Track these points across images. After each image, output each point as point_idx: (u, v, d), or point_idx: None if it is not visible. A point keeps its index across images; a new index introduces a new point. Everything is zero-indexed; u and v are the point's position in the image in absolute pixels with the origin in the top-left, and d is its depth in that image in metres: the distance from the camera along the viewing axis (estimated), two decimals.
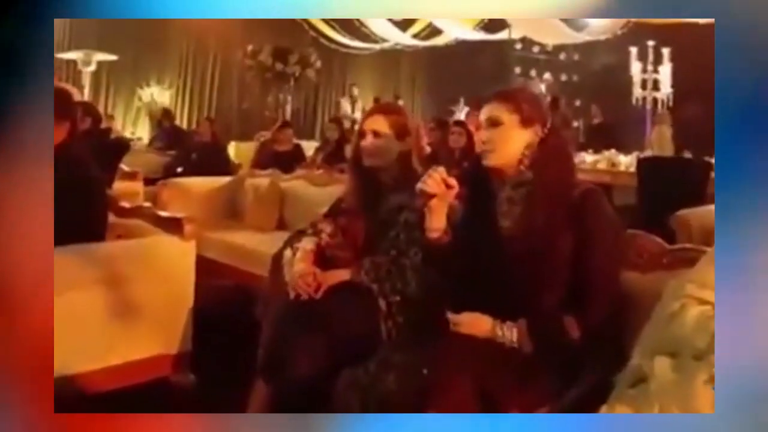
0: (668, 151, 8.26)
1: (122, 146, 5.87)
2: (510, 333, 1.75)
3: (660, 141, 8.61)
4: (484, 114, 1.88)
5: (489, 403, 1.62)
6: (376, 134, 2.32)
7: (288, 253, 2.39)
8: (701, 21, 7.18)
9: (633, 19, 8.09)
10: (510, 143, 1.83)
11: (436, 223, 1.86)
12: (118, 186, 4.82)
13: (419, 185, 1.81)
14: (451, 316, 1.81)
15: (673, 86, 8.13)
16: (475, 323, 1.79)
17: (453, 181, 1.81)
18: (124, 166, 5.32)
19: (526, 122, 1.83)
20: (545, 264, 1.77)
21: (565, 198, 1.79)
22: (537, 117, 1.85)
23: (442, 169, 1.82)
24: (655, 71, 8.20)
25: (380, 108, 2.58)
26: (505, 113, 1.84)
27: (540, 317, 1.76)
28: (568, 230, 1.76)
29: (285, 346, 2.04)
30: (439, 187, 1.80)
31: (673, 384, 1.49)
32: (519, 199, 1.84)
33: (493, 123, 1.85)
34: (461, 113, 10.97)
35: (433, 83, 14.71)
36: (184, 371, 2.78)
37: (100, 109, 10.23)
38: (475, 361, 1.68)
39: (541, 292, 1.77)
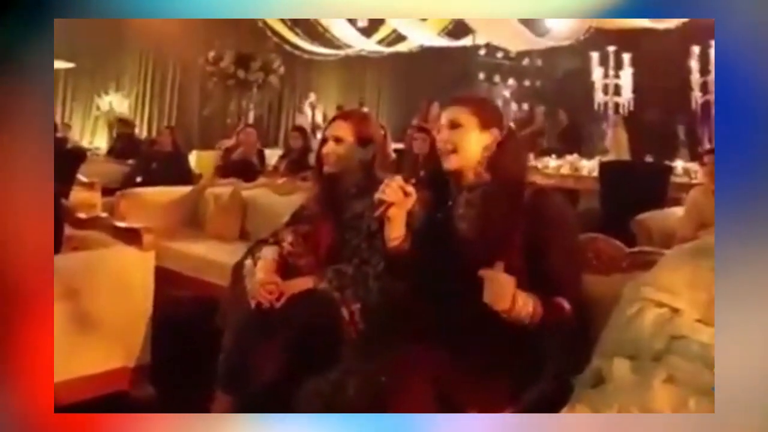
0: (625, 154, 8.39)
1: (79, 156, 5.79)
2: (527, 304, 1.70)
3: (617, 145, 8.75)
4: (444, 117, 1.91)
5: (449, 407, 1.61)
6: (337, 141, 2.32)
7: (249, 262, 2.37)
8: (661, 26, 7.30)
9: (594, 25, 8.18)
10: (470, 144, 1.86)
11: (395, 231, 1.87)
12: (75, 197, 4.73)
13: (377, 194, 1.83)
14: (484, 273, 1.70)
15: (634, 91, 8.25)
16: (501, 288, 1.69)
17: (411, 189, 1.83)
18: (81, 177, 5.23)
19: (484, 124, 1.87)
20: (502, 263, 1.75)
21: (517, 198, 1.81)
22: (495, 121, 1.89)
23: (399, 178, 1.84)
24: (617, 76, 8.31)
25: (342, 115, 2.57)
26: (465, 116, 1.88)
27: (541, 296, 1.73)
28: (522, 229, 1.78)
29: (246, 355, 2.04)
30: (396, 195, 1.81)
31: (632, 385, 1.51)
32: (475, 202, 1.86)
33: (454, 125, 1.88)
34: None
35: (397, 89, 14.75)
36: (144, 384, 2.74)
37: (57, 118, 10.07)
38: (435, 366, 1.67)
39: None
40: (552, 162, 7.64)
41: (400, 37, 10.91)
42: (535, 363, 1.73)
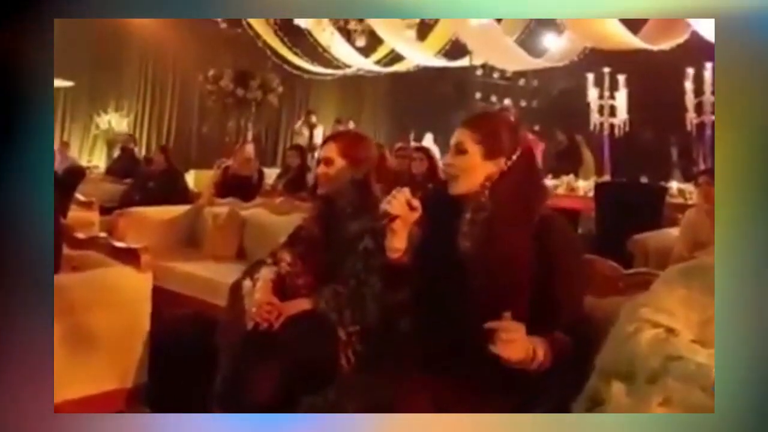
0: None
1: (77, 175, 5.77)
2: (540, 351, 1.68)
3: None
4: (453, 139, 1.88)
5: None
6: (327, 162, 2.34)
7: (248, 283, 2.37)
8: (656, 47, 7.35)
9: (590, 46, 8.24)
10: (472, 173, 1.83)
11: (397, 243, 1.83)
12: (73, 216, 4.72)
13: (383, 206, 1.80)
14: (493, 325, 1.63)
15: (629, 112, 8.27)
16: (516, 339, 1.64)
17: (417, 203, 1.79)
18: (79, 196, 5.22)
19: (489, 154, 1.83)
20: (504, 287, 1.75)
21: (525, 224, 1.79)
22: (502, 149, 1.83)
23: (406, 191, 1.80)
24: (612, 97, 8.34)
25: (333, 136, 2.60)
26: (470, 142, 1.84)
27: (555, 336, 1.73)
28: (528, 255, 1.76)
29: (244, 376, 2.03)
30: (402, 208, 1.78)
31: (628, 407, 1.51)
32: (480, 222, 1.83)
33: (459, 150, 1.85)
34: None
35: (395, 109, 14.79)
36: (140, 406, 2.72)
37: (56, 136, 10.07)
38: (433, 391, 1.67)
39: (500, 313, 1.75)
40: (548, 182, 7.66)
41: (397, 57, 10.97)
42: (536, 387, 1.72)
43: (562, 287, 1.77)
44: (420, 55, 10.61)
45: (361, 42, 10.85)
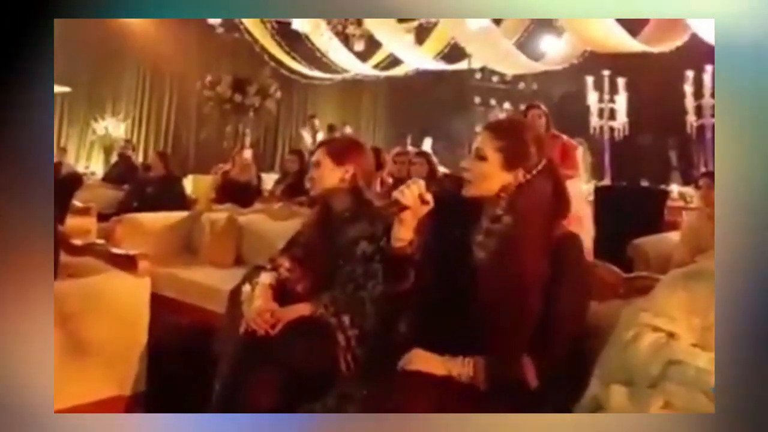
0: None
1: (74, 181, 5.75)
2: (467, 368, 1.72)
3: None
4: (475, 143, 1.83)
5: None
6: (316, 165, 2.39)
7: (247, 288, 2.36)
8: (655, 50, 7.35)
9: (589, 49, 8.24)
10: (488, 181, 1.78)
11: (404, 233, 1.78)
12: (70, 222, 4.71)
13: (395, 194, 1.76)
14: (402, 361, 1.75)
15: (629, 115, 8.27)
16: (428, 365, 1.74)
17: (429, 198, 1.75)
18: (76, 202, 5.20)
19: (509, 164, 1.77)
20: (514, 303, 1.73)
21: (543, 242, 1.76)
22: (524, 160, 1.78)
23: (421, 183, 1.77)
24: (611, 100, 8.34)
25: (326, 141, 2.64)
26: (491, 149, 1.78)
27: (498, 357, 1.72)
28: (541, 275, 1.73)
29: (242, 383, 2.02)
30: (414, 201, 1.74)
31: (628, 412, 1.50)
32: (497, 234, 1.79)
33: (478, 156, 1.80)
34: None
35: (394, 113, 14.79)
36: (139, 413, 2.69)
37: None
38: (432, 395, 1.66)
39: (503, 328, 1.74)
40: None
41: (396, 61, 10.97)
42: (535, 394, 1.70)
43: (567, 309, 1.75)
44: (418, 59, 10.61)
45: (359, 46, 10.87)
